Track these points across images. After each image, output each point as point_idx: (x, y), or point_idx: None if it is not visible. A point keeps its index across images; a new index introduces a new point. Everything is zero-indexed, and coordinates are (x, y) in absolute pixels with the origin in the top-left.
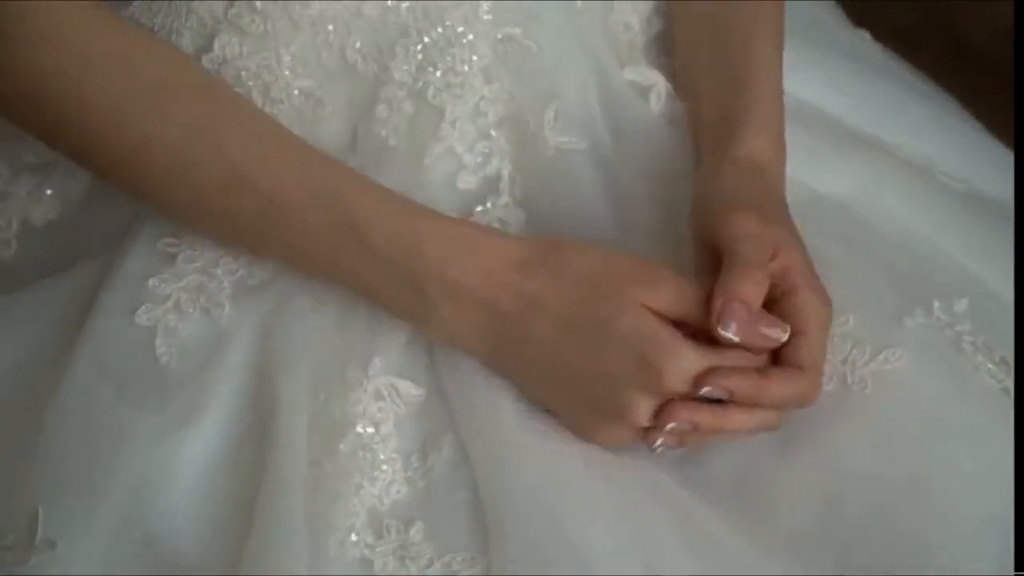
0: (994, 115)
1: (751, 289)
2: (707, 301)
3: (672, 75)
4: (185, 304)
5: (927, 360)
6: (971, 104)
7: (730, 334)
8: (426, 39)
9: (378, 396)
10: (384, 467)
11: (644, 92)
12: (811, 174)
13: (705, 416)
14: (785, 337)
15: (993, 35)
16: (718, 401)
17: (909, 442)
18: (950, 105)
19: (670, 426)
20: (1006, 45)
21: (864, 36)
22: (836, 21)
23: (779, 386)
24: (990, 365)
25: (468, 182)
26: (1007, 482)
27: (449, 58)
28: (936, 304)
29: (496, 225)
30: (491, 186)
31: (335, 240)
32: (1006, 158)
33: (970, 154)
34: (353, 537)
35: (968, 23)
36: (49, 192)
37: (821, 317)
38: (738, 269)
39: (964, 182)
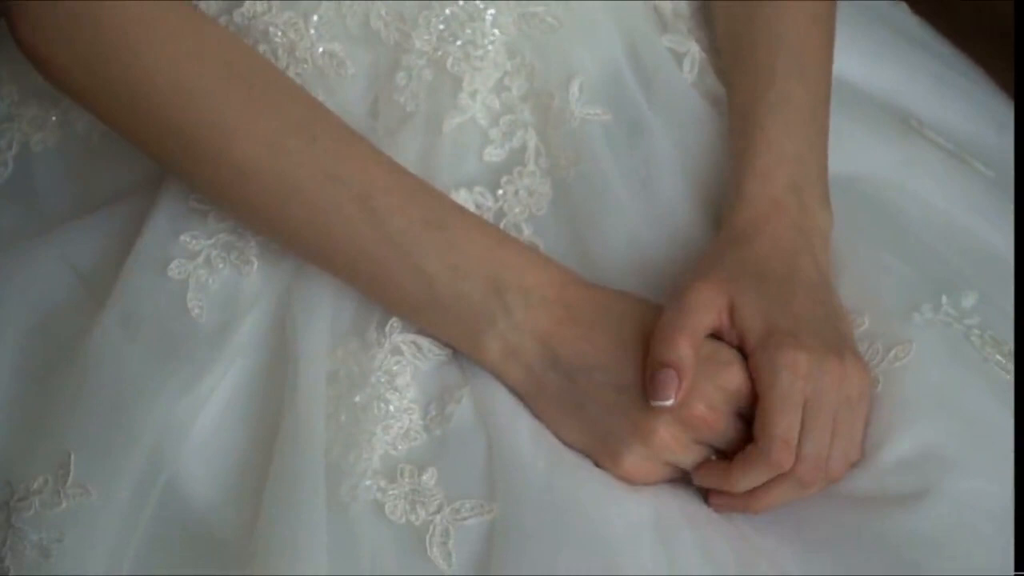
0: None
1: (670, 354)
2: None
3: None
4: (216, 260)
5: (935, 353)
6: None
7: (660, 403)
8: (447, 11)
9: (395, 351)
10: (401, 415)
11: (679, 59)
12: (844, 155)
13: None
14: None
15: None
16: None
17: (916, 434)
18: (981, 79)
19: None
20: None
21: (902, 7)
22: None
23: (739, 472)
24: (999, 357)
25: (494, 155)
26: (1011, 468)
27: (470, 31)
28: (944, 299)
29: (523, 194)
30: (516, 157)
31: (423, 237)
32: None
33: (999, 130)
34: (367, 482)
35: None
36: (54, 119)
37: (774, 381)
38: (663, 333)
39: (992, 168)
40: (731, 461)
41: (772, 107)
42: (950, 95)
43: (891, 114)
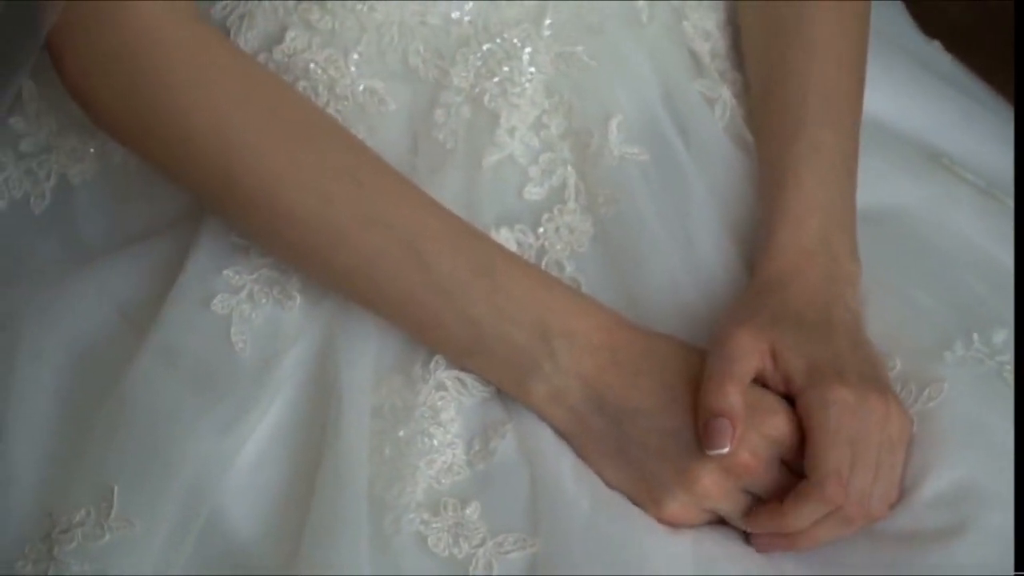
0: None
1: (722, 403)
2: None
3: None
4: (258, 295)
5: (968, 391)
6: None
7: (717, 451)
8: (485, 47)
9: (440, 387)
10: (445, 450)
11: (711, 104)
12: (874, 190)
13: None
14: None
15: None
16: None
17: (952, 470)
18: (1009, 115)
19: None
20: None
21: (936, 45)
22: (905, 28)
23: (792, 511)
24: None
25: (535, 193)
26: None
27: (507, 68)
28: (975, 336)
29: (564, 232)
30: (557, 195)
31: (470, 282)
32: None
33: None
34: (410, 515)
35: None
36: (92, 150)
37: (824, 418)
38: (712, 382)
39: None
40: (782, 502)
41: (803, 155)
42: (980, 132)
43: (921, 151)
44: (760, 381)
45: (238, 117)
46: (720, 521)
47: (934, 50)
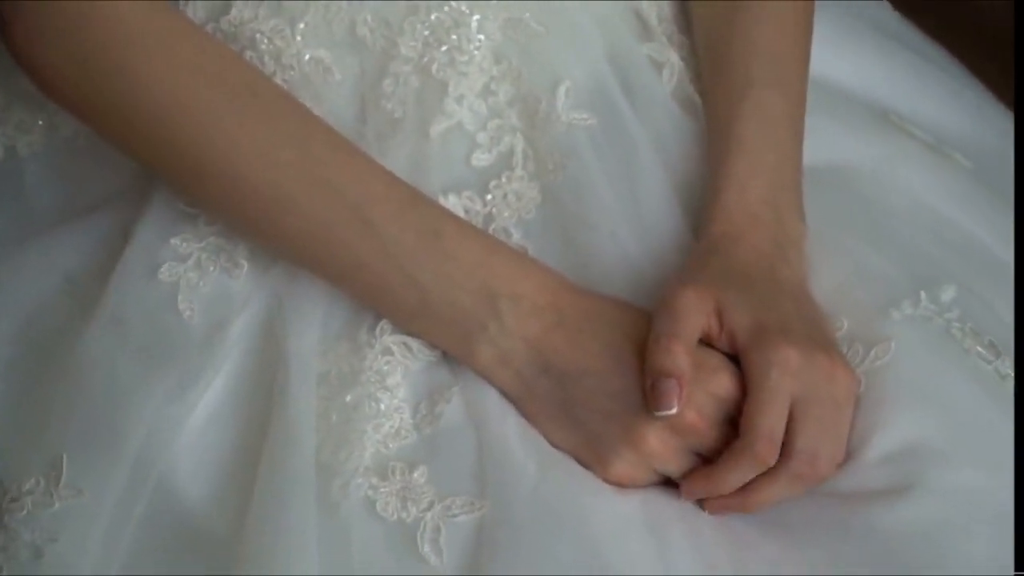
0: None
1: (669, 362)
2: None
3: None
4: (205, 263)
5: (915, 349)
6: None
7: (665, 413)
8: (433, 16)
9: (386, 352)
10: (392, 414)
11: (659, 68)
12: (824, 149)
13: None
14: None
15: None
16: None
17: (900, 429)
18: (959, 73)
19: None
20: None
21: (884, 5)
22: None
23: (723, 470)
24: (980, 348)
25: (483, 159)
26: (1001, 459)
27: (455, 36)
28: (923, 294)
29: (511, 198)
30: (505, 161)
31: (416, 247)
32: (1011, 128)
33: (978, 126)
34: (358, 480)
35: None
36: (40, 123)
37: (764, 378)
38: (658, 342)
39: (970, 158)
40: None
41: (749, 116)
42: (928, 89)
43: (870, 109)
44: (705, 341)
45: (188, 84)
46: (669, 483)
47: (882, 9)
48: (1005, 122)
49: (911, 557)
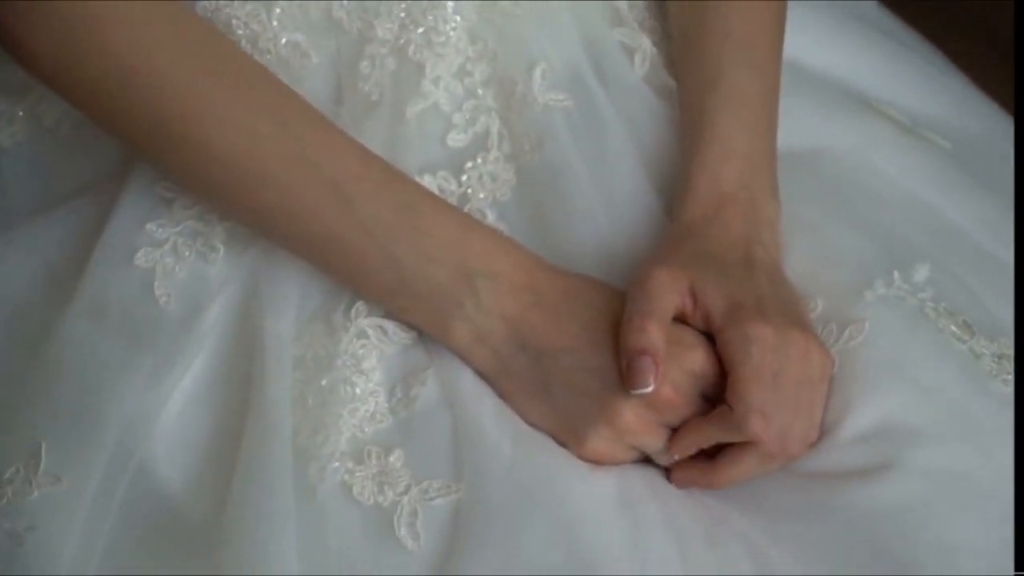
0: (984, 75)
1: (643, 341)
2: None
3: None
4: (182, 248)
5: (889, 329)
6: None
7: (641, 391)
8: None
9: (361, 335)
10: (368, 398)
11: (631, 53)
12: (800, 133)
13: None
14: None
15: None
16: None
17: (874, 409)
18: (939, 61)
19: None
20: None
21: None
22: None
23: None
24: (953, 328)
25: (458, 140)
26: (975, 437)
27: (431, 18)
28: (896, 274)
29: (487, 179)
30: (480, 142)
31: (393, 223)
32: (994, 114)
33: (958, 110)
34: (335, 464)
35: None
36: (21, 113)
37: (745, 355)
38: (633, 321)
39: (949, 141)
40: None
41: (722, 100)
42: (904, 72)
43: (846, 93)
44: (680, 320)
45: (169, 57)
46: (643, 461)
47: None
48: (987, 108)
49: (886, 535)
